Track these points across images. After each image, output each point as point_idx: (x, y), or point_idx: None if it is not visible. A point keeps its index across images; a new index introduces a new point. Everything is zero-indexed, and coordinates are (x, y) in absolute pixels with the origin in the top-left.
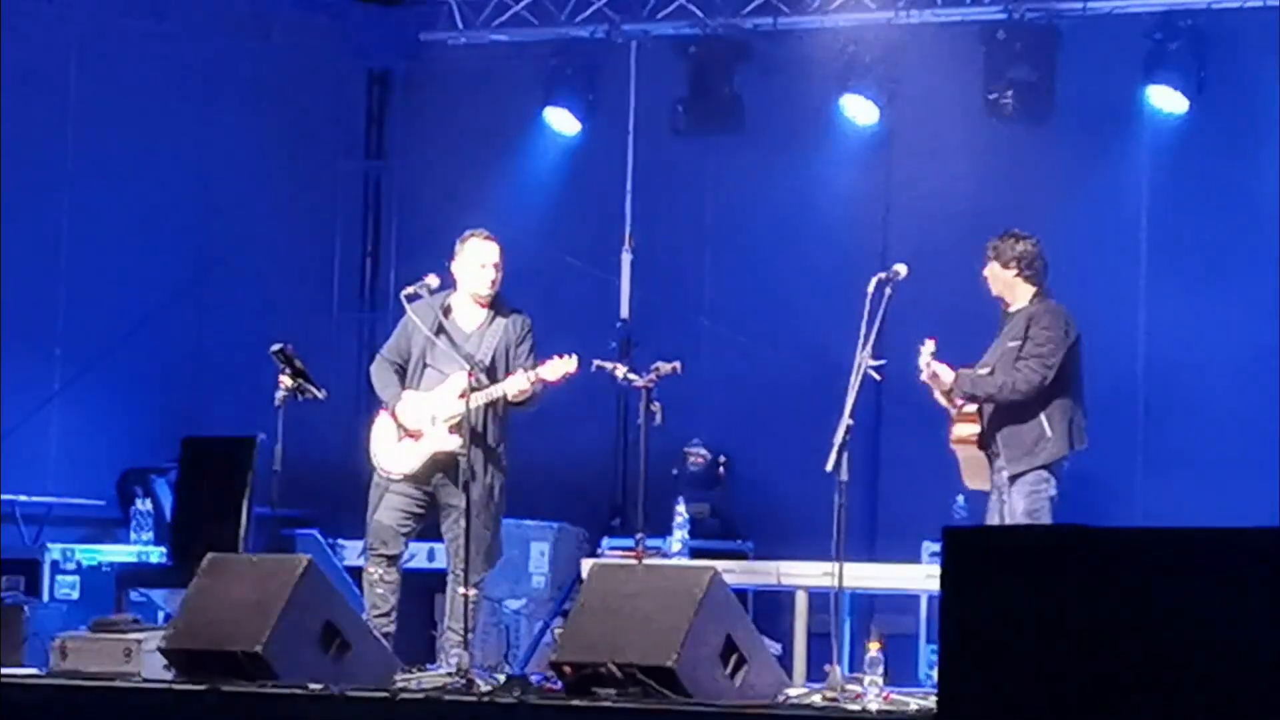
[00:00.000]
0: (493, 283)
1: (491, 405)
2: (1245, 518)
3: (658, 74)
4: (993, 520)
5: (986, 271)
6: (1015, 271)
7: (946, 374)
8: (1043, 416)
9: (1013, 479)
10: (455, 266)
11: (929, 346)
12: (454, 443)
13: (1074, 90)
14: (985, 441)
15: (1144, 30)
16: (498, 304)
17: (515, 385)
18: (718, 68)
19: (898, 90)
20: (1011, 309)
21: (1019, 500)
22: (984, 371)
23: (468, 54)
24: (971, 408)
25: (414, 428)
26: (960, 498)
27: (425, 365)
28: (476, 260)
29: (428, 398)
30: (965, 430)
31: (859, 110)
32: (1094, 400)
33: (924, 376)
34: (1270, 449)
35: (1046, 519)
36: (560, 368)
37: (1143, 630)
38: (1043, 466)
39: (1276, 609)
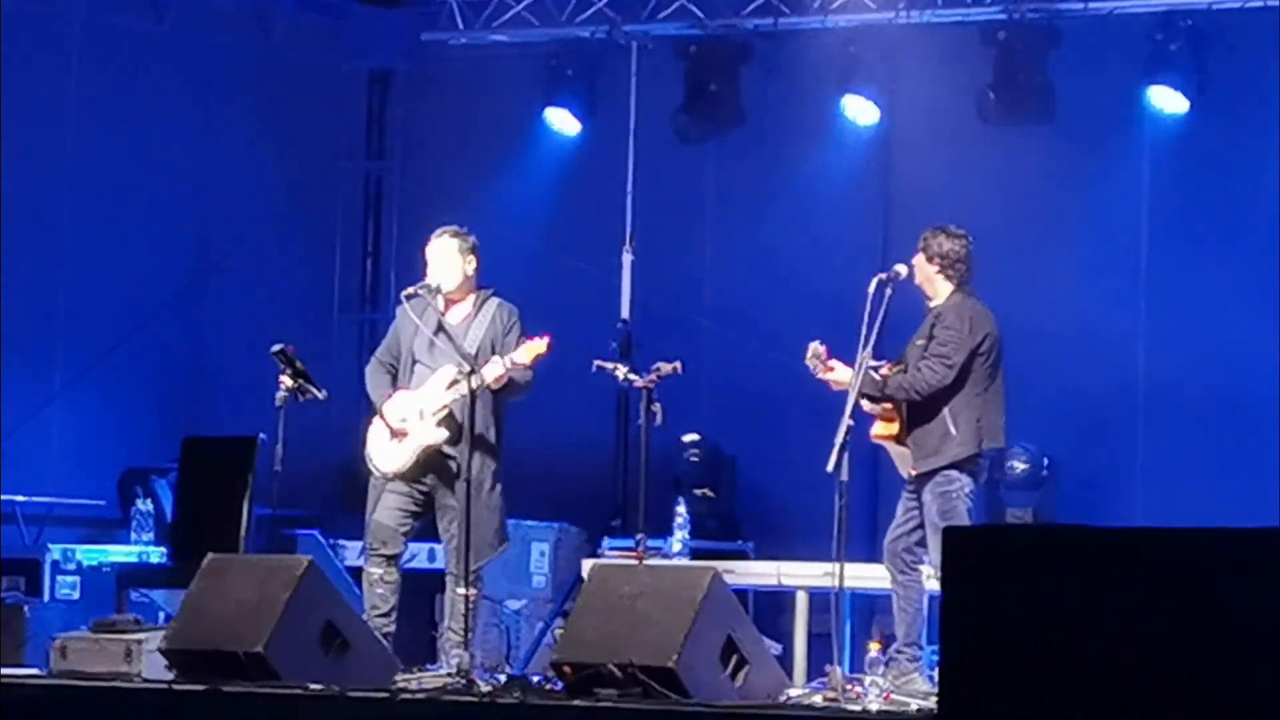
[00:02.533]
0: (440, 276)
1: (478, 394)
2: (1245, 518)
3: (658, 75)
4: (898, 518)
5: (914, 261)
6: (937, 267)
7: (843, 373)
8: (947, 415)
9: (922, 478)
10: None
11: (814, 347)
12: (440, 435)
13: (1074, 91)
14: (904, 438)
15: (1144, 30)
16: (481, 297)
17: (492, 372)
18: (718, 68)
19: (898, 91)
20: (930, 304)
21: (931, 502)
22: (896, 369)
23: (468, 54)
24: (890, 405)
25: (400, 425)
26: None
27: (415, 362)
28: (430, 254)
29: (414, 394)
30: (882, 429)
31: (859, 110)
32: (1095, 401)
33: (819, 375)
34: (1270, 449)
35: (961, 518)
36: (531, 350)
37: (1143, 630)
38: (950, 466)
39: (1277, 608)
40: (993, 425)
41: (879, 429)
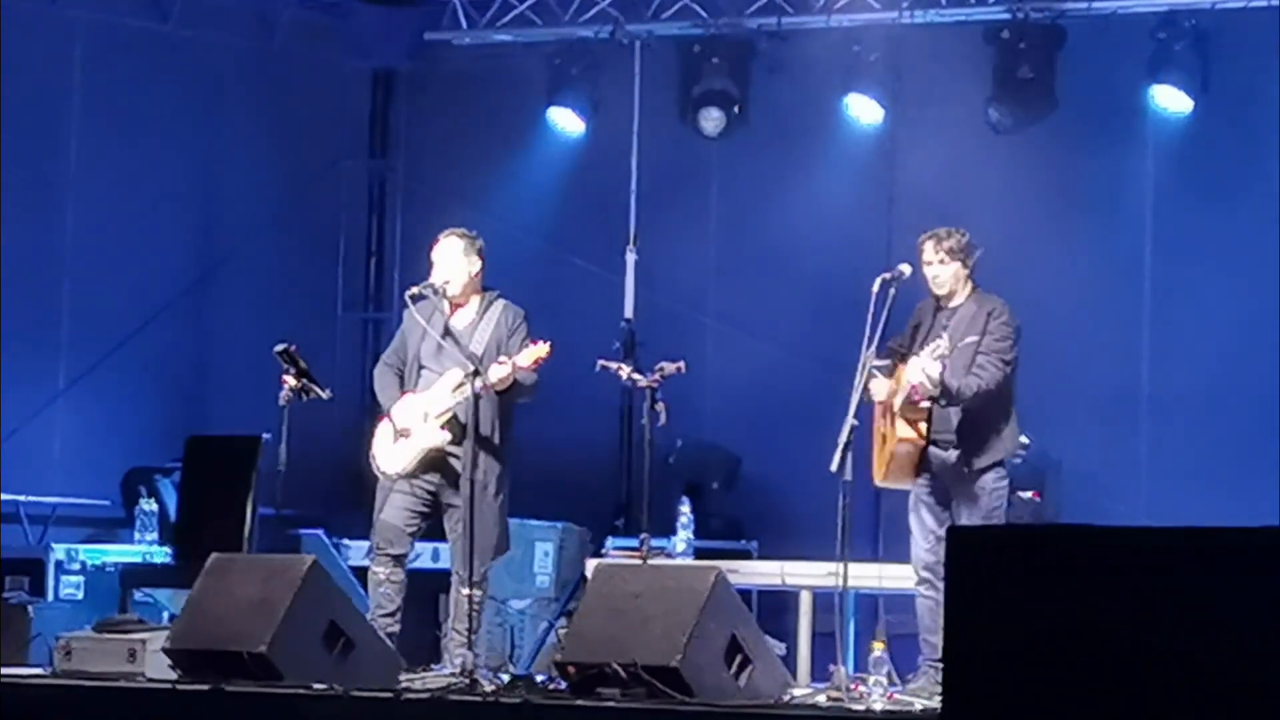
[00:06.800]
0: (446, 277)
1: (483, 396)
2: (1247, 518)
3: (662, 74)
4: (927, 527)
5: (943, 269)
6: (969, 267)
7: (934, 370)
8: (999, 412)
9: (977, 474)
10: None
11: (945, 344)
12: (443, 438)
13: (1078, 90)
14: (932, 437)
15: (1148, 30)
16: (487, 299)
17: (496, 374)
18: (722, 67)
19: (902, 90)
20: (953, 303)
21: (982, 499)
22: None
23: (472, 54)
24: (925, 404)
25: (404, 429)
26: None
27: (421, 368)
28: (436, 255)
29: (420, 397)
30: (907, 430)
31: (863, 110)
32: (1098, 400)
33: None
34: (1272, 449)
35: (1002, 517)
36: (532, 354)
37: (1146, 630)
38: (999, 462)
39: (1277, 609)
40: (1018, 421)
41: (905, 431)
